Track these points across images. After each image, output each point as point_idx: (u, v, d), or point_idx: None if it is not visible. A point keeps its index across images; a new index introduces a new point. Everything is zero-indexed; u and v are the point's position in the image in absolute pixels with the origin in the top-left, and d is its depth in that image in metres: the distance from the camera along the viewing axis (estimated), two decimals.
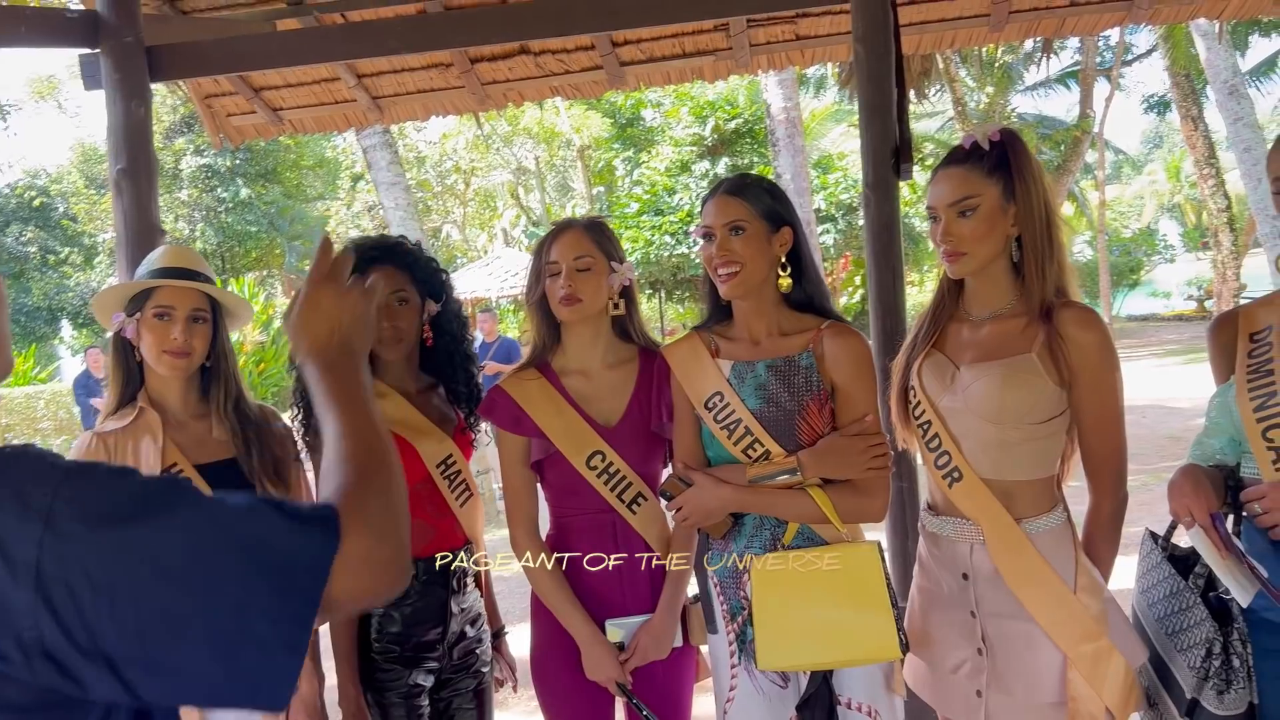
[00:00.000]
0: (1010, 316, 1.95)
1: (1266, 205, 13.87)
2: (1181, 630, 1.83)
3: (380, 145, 8.50)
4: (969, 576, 1.95)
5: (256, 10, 3.98)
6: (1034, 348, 1.88)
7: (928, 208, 1.98)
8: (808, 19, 4.20)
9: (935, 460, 1.97)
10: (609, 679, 2.17)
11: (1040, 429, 1.89)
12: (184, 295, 2.13)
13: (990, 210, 1.89)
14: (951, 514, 1.99)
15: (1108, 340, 1.89)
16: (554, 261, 2.19)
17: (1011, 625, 1.90)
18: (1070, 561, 1.90)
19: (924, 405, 1.99)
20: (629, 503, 2.20)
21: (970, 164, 1.91)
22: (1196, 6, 4.12)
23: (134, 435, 2.13)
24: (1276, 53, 20.26)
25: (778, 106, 9.63)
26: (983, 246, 1.90)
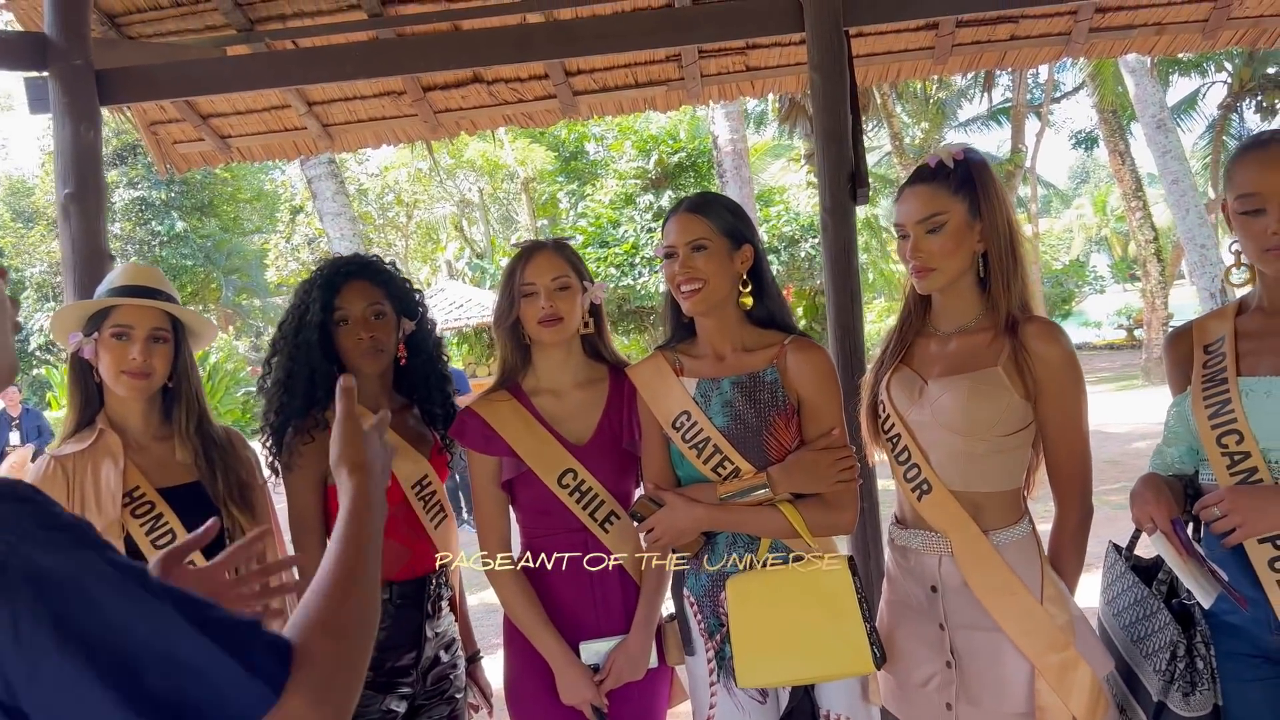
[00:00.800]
0: (976, 331, 1.99)
1: (1194, 234, 14.42)
2: (1147, 636, 1.87)
3: (326, 175, 8.44)
4: (937, 589, 1.98)
5: (206, 36, 3.94)
6: (999, 361, 1.92)
7: (895, 225, 2.02)
8: (758, 50, 4.29)
9: (904, 473, 2.00)
10: (583, 701, 2.15)
11: (1006, 441, 1.93)
12: (143, 314, 2.09)
13: (957, 227, 1.93)
14: (920, 526, 2.01)
15: (1071, 354, 1.94)
16: (529, 283, 2.18)
17: (980, 636, 1.93)
18: (1036, 572, 1.93)
19: (893, 419, 2.01)
20: (601, 521, 2.19)
21: (937, 182, 1.96)
22: (1129, 42, 4.29)
23: (94, 458, 2.07)
24: (1195, 90, 21.16)
25: (725, 138, 9.78)
26: (950, 262, 1.94)
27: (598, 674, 2.16)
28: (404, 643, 2.25)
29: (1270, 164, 1.77)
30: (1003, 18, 4.08)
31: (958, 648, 1.95)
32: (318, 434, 2.22)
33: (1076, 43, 4.21)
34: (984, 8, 3.55)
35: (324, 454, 2.22)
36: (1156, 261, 16.99)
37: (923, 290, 2.02)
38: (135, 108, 4.17)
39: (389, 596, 2.23)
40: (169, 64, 3.48)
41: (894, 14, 3.27)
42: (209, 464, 2.15)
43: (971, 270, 1.98)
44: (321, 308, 2.24)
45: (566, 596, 2.20)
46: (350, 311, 2.27)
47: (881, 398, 2.06)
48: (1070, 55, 4.40)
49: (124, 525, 2.05)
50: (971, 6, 3.45)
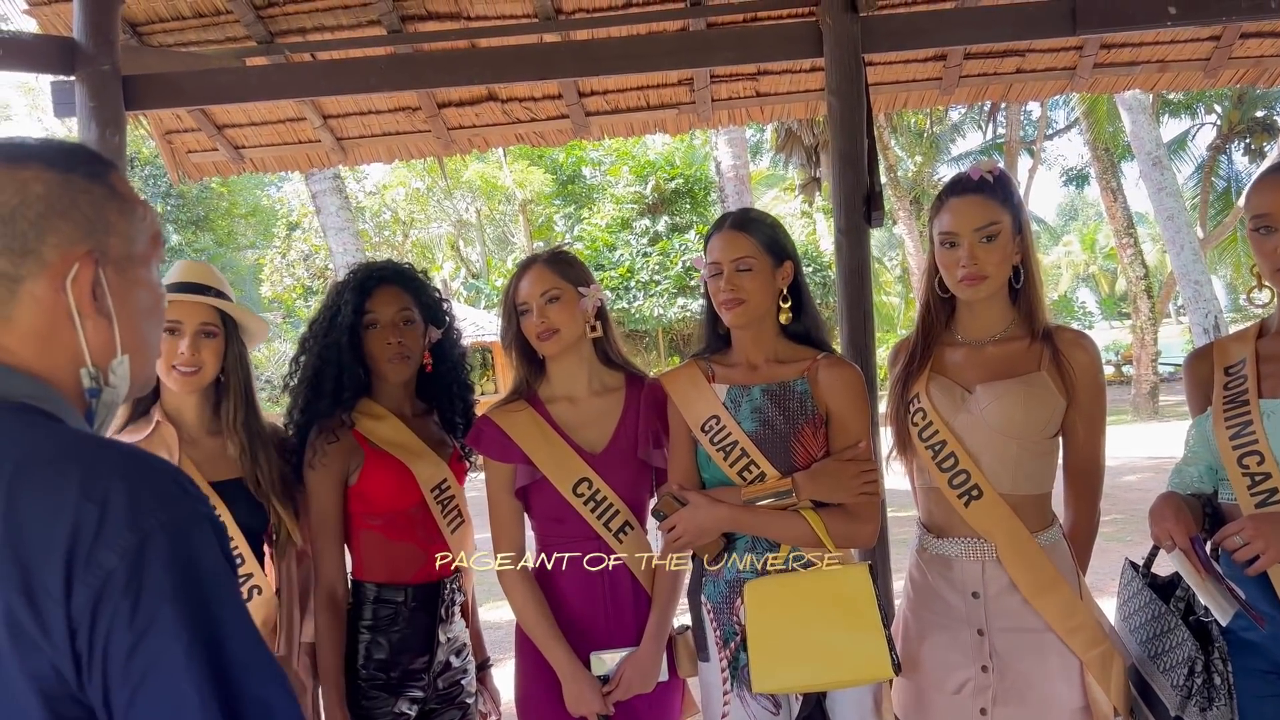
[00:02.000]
0: (1010, 339, 2.05)
1: (1189, 271, 14.58)
2: (1164, 651, 1.91)
3: (330, 190, 8.48)
4: (979, 595, 2.01)
5: (226, 47, 3.98)
6: (1042, 366, 1.99)
7: (943, 233, 2.04)
8: (769, 76, 4.37)
9: (950, 479, 2.02)
10: (590, 712, 2.16)
11: (1048, 444, 2.01)
12: (192, 310, 2.11)
13: (1007, 237, 2.00)
14: (960, 534, 2.04)
15: (1100, 362, 2.03)
16: (523, 301, 2.22)
17: (1024, 638, 1.97)
18: (1073, 571, 2.00)
19: (937, 425, 2.04)
20: (616, 531, 2.20)
21: (987, 193, 2.01)
22: (1133, 78, 4.38)
23: (150, 449, 2.08)
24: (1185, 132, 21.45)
25: (727, 164, 9.89)
26: (1000, 271, 2.01)
27: (607, 684, 2.17)
28: (417, 646, 2.26)
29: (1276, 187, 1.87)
30: (1010, 50, 4.17)
31: (999, 651, 1.98)
32: (342, 433, 2.25)
33: (1081, 77, 4.30)
34: (995, 39, 3.63)
35: (347, 454, 2.26)
36: (1147, 298, 17.16)
37: (971, 297, 2.05)
38: (151, 116, 4.21)
39: (404, 599, 2.24)
40: (194, 72, 3.53)
41: (910, 42, 3.35)
42: (253, 459, 2.17)
43: (1008, 281, 2.04)
44: (353, 310, 2.27)
45: (579, 607, 2.21)
46: (380, 316, 2.30)
47: (920, 405, 2.08)
48: (1075, 89, 4.49)
49: None
50: (983, 38, 3.52)
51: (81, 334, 0.94)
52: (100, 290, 0.95)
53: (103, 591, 0.79)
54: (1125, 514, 7.21)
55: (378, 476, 2.27)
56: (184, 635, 0.80)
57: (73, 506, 0.80)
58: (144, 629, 0.79)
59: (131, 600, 0.79)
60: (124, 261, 0.98)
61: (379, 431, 2.30)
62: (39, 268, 0.92)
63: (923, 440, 2.08)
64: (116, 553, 0.80)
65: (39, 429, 0.89)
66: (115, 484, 0.82)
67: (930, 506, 2.12)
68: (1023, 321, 2.04)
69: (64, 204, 0.93)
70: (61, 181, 0.94)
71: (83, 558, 0.79)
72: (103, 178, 0.98)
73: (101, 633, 0.79)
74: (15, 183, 0.92)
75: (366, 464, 2.27)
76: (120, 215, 0.98)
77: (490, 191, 23.59)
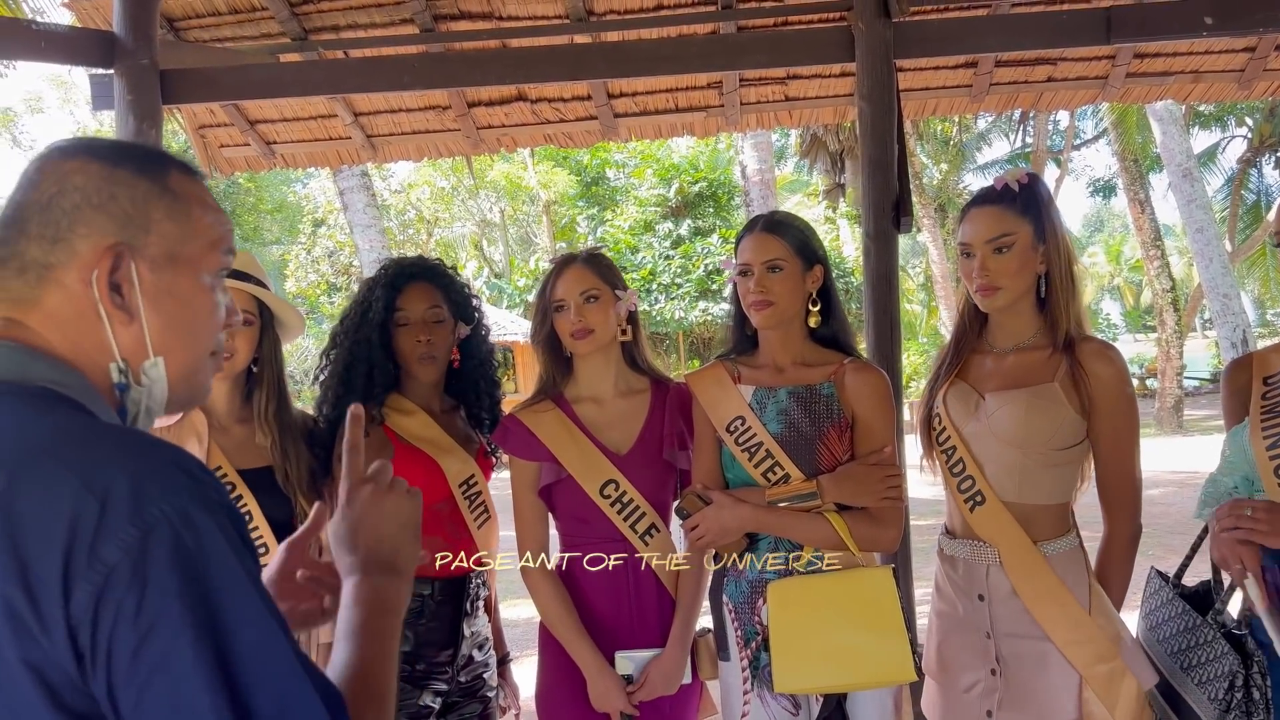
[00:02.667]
0: (1033, 349, 2.04)
1: (1217, 284, 14.45)
2: (1201, 664, 1.89)
3: (358, 188, 8.54)
4: (984, 598, 2.01)
5: (260, 43, 4.03)
6: (1056, 377, 1.98)
7: (960, 244, 2.07)
8: (798, 81, 4.36)
9: (958, 485, 2.04)
10: (614, 709, 2.17)
11: (1060, 455, 1.98)
12: (232, 295, 2.13)
13: (1024, 248, 1.99)
14: (968, 537, 2.06)
15: (1125, 374, 2.00)
16: (560, 299, 2.23)
17: (1026, 645, 1.96)
18: (1084, 584, 1.98)
19: (949, 431, 2.06)
20: (642, 534, 2.21)
21: (1004, 204, 2.01)
22: (1165, 88, 4.35)
23: (179, 435, 2.12)
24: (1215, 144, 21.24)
25: (753, 168, 9.90)
26: (1016, 281, 1.99)
27: (630, 684, 2.18)
28: (441, 640, 2.28)
29: None
30: (1042, 59, 4.15)
31: (1004, 656, 1.99)
32: (371, 429, 2.26)
33: (1113, 87, 4.27)
34: (1028, 47, 3.62)
35: (376, 448, 2.26)
36: (1173, 311, 17.00)
37: (986, 308, 2.06)
38: (185, 110, 4.26)
39: (430, 593, 2.26)
40: (229, 67, 3.56)
41: (942, 49, 3.34)
42: (282, 450, 2.19)
43: (1032, 291, 2.03)
44: (384, 307, 2.30)
45: (603, 608, 2.22)
46: (411, 314, 2.32)
47: (937, 410, 2.10)
48: (1106, 99, 4.46)
49: None
50: (1017, 46, 3.51)
51: (109, 328, 0.93)
52: (129, 287, 0.92)
53: (105, 589, 0.76)
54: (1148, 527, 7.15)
55: (406, 471, 2.27)
56: (189, 632, 0.77)
57: (71, 499, 0.77)
58: (149, 627, 0.76)
59: (136, 598, 0.76)
60: (162, 261, 0.95)
61: (408, 426, 2.32)
62: (69, 257, 0.91)
63: (938, 445, 2.10)
64: (120, 548, 0.77)
65: (50, 416, 0.86)
66: (117, 474, 0.79)
67: (951, 511, 2.14)
68: (1047, 331, 2.03)
69: (102, 196, 0.92)
70: (105, 174, 0.93)
71: (83, 553, 0.76)
72: (155, 174, 0.96)
73: (105, 631, 0.76)
74: (59, 173, 0.92)
75: (396, 458, 2.28)
76: (168, 215, 0.96)
77: (514, 192, 23.68)
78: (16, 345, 0.90)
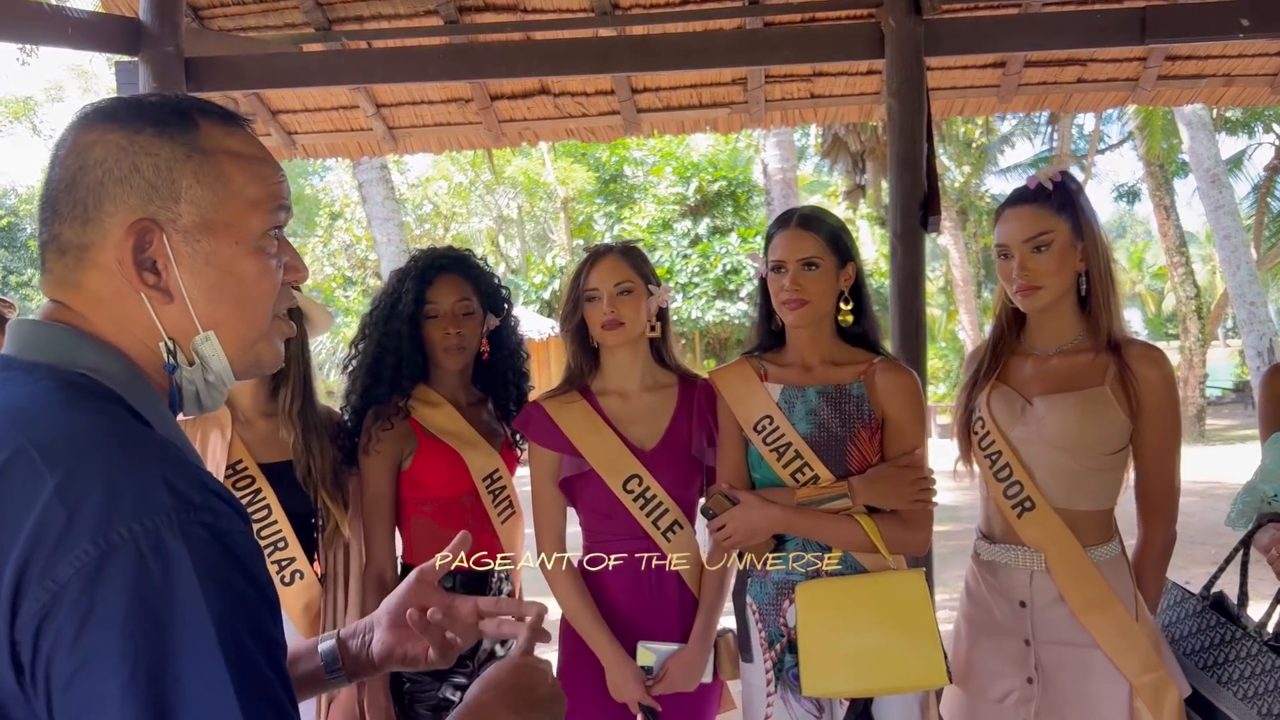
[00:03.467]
0: (1077, 351, 2.01)
1: (1244, 291, 14.32)
2: (1245, 678, 1.88)
3: (377, 180, 8.55)
4: (1026, 604, 1.98)
5: (284, 33, 4.02)
6: (1106, 380, 1.94)
7: (998, 245, 2.04)
8: (824, 78, 4.33)
9: (1004, 490, 2.00)
10: (632, 699, 2.15)
11: (1109, 460, 1.95)
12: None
13: (1062, 246, 1.96)
14: (1010, 542, 2.02)
15: (1173, 379, 1.98)
16: (593, 288, 2.21)
17: (1069, 653, 1.93)
18: (1129, 591, 1.95)
19: (994, 436, 2.02)
20: (664, 530, 2.19)
21: (1039, 203, 1.98)
22: (1197, 91, 4.30)
23: (203, 427, 2.13)
24: (1243, 150, 21.02)
25: (775, 166, 9.86)
26: (1057, 280, 1.96)
27: (650, 677, 2.16)
28: None
29: None
30: (1072, 59, 4.10)
31: (1044, 664, 1.95)
32: (397, 420, 2.27)
33: (1144, 89, 4.22)
34: (1061, 46, 3.57)
35: (401, 440, 2.27)
36: (1196, 319, 16.84)
37: (1028, 309, 2.03)
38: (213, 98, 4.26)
39: (453, 585, 2.25)
40: (255, 56, 3.56)
41: (974, 47, 3.30)
42: (306, 447, 2.19)
43: (1073, 290, 2.00)
44: (414, 300, 2.29)
45: (623, 603, 2.20)
46: (440, 306, 2.32)
47: (980, 414, 2.07)
48: (1136, 101, 4.41)
49: None
50: (1049, 45, 3.47)
51: (150, 307, 0.87)
52: (164, 263, 0.86)
53: (50, 608, 0.69)
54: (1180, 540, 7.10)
55: (431, 463, 2.29)
56: (123, 674, 0.68)
57: (42, 506, 0.71)
58: (83, 661, 0.69)
59: (76, 624, 0.69)
60: (197, 230, 0.87)
61: (434, 419, 2.31)
62: (101, 236, 0.85)
63: (982, 449, 2.06)
64: (73, 565, 0.69)
65: (67, 409, 0.80)
66: (94, 484, 0.72)
67: (989, 515, 2.10)
68: (1090, 332, 2.00)
69: (123, 168, 0.85)
70: (125, 144, 0.86)
71: (38, 567, 0.69)
72: (179, 135, 0.88)
73: (44, 655, 0.69)
74: (79, 147, 0.86)
75: (420, 450, 2.28)
76: (197, 178, 0.87)
77: (532, 188, 23.66)
78: (64, 327, 0.86)
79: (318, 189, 26.59)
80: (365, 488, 2.29)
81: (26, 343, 0.86)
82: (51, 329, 0.86)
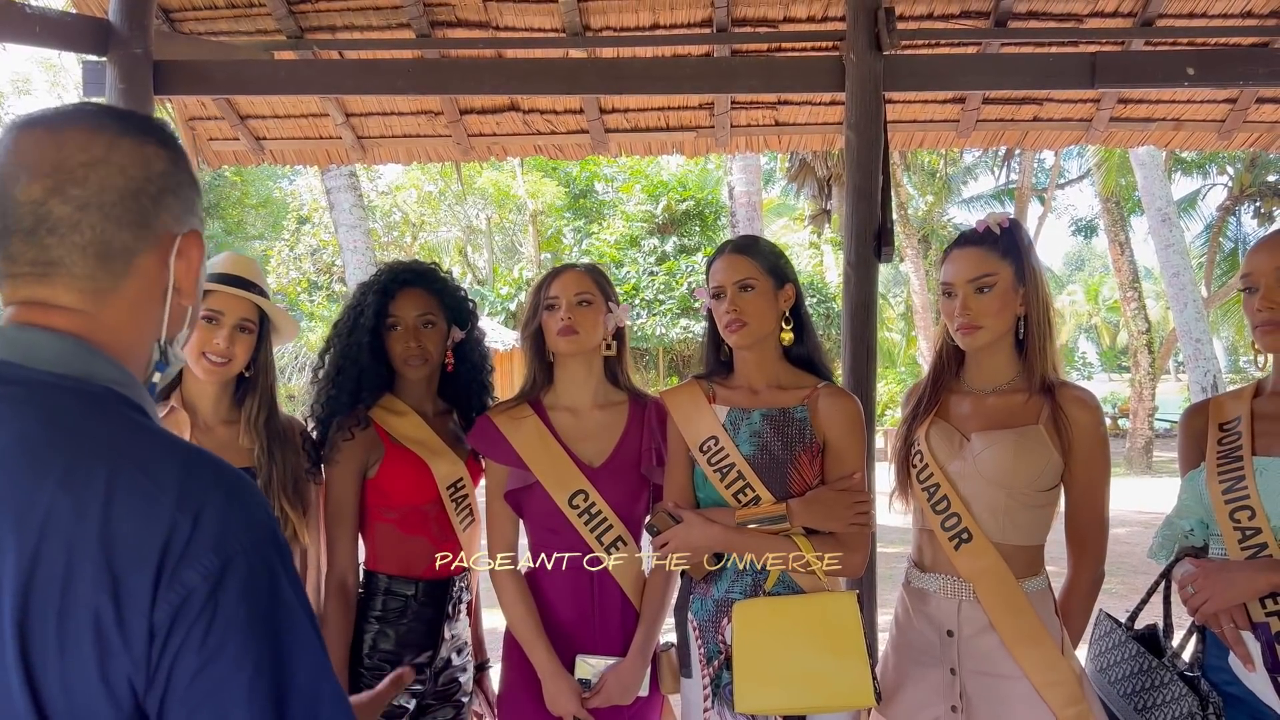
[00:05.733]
0: (1013, 391, 2.07)
1: (1190, 328, 14.66)
2: (1156, 705, 1.92)
3: (345, 187, 8.53)
4: (954, 633, 2.02)
5: (256, 39, 4.03)
6: (1040, 420, 2.00)
7: (943, 283, 2.10)
8: (788, 107, 4.41)
9: (942, 522, 2.04)
10: (567, 713, 2.18)
11: (1042, 496, 2.01)
12: (235, 303, 2.14)
13: (1005, 289, 2.02)
14: (941, 570, 2.07)
15: (1102, 420, 2.04)
16: (554, 296, 2.25)
17: (993, 684, 1.97)
18: (1056, 624, 2.00)
19: (932, 469, 2.07)
20: (608, 545, 2.22)
21: (986, 245, 2.05)
22: (1147, 134, 4.43)
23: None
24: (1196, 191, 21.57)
25: (740, 189, 9.95)
26: (997, 322, 2.03)
27: (588, 690, 2.19)
28: (422, 641, 2.30)
29: (1263, 249, 1.94)
30: (1029, 98, 4.22)
31: (969, 693, 1.99)
32: (358, 431, 2.29)
33: (1096, 129, 4.35)
34: (1015, 87, 3.68)
35: (367, 448, 2.30)
36: (1148, 353, 17.20)
37: (967, 347, 2.09)
38: (176, 102, 4.25)
39: (413, 593, 2.29)
40: (223, 61, 3.57)
41: (931, 84, 3.40)
42: (268, 456, 2.20)
43: (1011, 332, 2.07)
44: (375, 313, 2.33)
45: (566, 616, 2.24)
46: (402, 319, 2.35)
47: (919, 448, 2.11)
48: (1090, 141, 4.54)
49: None
50: (1003, 85, 3.57)
51: (166, 310, 0.98)
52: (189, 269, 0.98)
53: (181, 609, 0.79)
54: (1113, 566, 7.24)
55: (396, 471, 2.31)
56: (249, 667, 0.80)
57: (169, 516, 0.81)
58: (212, 655, 0.80)
59: (205, 624, 0.80)
60: (199, 241, 1.01)
61: (399, 427, 2.34)
62: (152, 243, 0.95)
63: (920, 483, 2.10)
64: (199, 573, 0.80)
65: (130, 423, 0.89)
66: (211, 498, 0.83)
67: (922, 545, 2.14)
68: (1026, 374, 2.06)
69: (174, 182, 0.97)
70: (173, 160, 0.98)
71: (170, 570, 0.80)
72: (187, 163, 1.01)
73: (172, 650, 0.79)
74: (142, 157, 0.95)
75: (386, 458, 2.31)
76: (198, 198, 1.02)
77: (502, 200, 23.66)
78: (80, 342, 0.92)
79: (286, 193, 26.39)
80: (328, 495, 2.31)
81: (32, 353, 0.90)
82: (63, 341, 0.91)
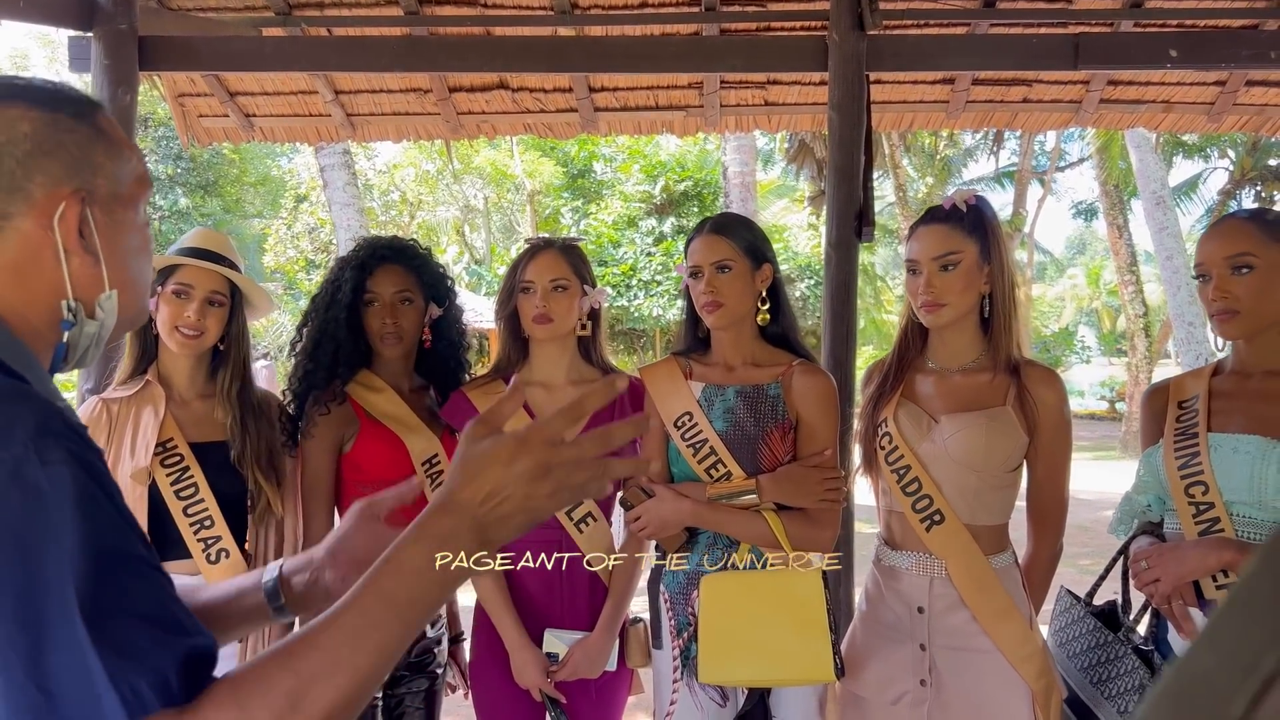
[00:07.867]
0: (978, 370, 2.09)
1: (1183, 312, 14.64)
2: (1112, 678, 1.95)
3: (339, 165, 8.52)
4: (924, 610, 2.05)
5: (244, 15, 4.03)
6: (1007, 401, 2.02)
7: (908, 260, 2.11)
8: (778, 86, 4.41)
9: (913, 504, 2.06)
10: (533, 685, 2.21)
11: (1009, 477, 2.04)
12: (204, 276, 2.17)
13: (969, 266, 2.03)
14: (912, 548, 2.09)
15: (1066, 400, 2.06)
16: (529, 281, 2.26)
17: (964, 658, 2.01)
18: (1024, 599, 2.04)
19: (902, 451, 2.08)
20: (577, 521, 2.25)
21: (951, 223, 2.06)
22: (1137, 116, 4.43)
23: (137, 405, 2.18)
24: (1198, 174, 21.48)
25: (734, 170, 9.94)
26: (961, 299, 2.04)
27: (555, 664, 2.22)
28: None
29: (1212, 239, 1.94)
30: (1018, 80, 4.21)
31: (938, 667, 2.02)
32: (334, 406, 2.31)
33: (1086, 111, 4.35)
34: (998, 68, 3.68)
35: (343, 423, 2.32)
36: (1145, 337, 17.21)
37: (931, 324, 2.10)
38: (165, 78, 4.25)
39: None
40: (210, 37, 3.57)
41: (914, 64, 3.39)
42: (242, 427, 2.23)
43: (976, 310, 2.08)
44: (352, 289, 2.34)
45: (535, 589, 2.27)
46: (379, 295, 2.37)
47: (888, 430, 2.12)
48: (1079, 124, 4.54)
49: (152, 473, 2.14)
50: (987, 66, 3.58)
51: (66, 270, 0.96)
52: (88, 229, 0.96)
53: None
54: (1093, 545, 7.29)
55: (371, 447, 2.34)
56: None
57: None
58: None
59: None
60: (110, 201, 0.99)
61: (375, 403, 2.36)
62: (27, 206, 0.94)
63: (889, 464, 2.11)
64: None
65: None
66: None
67: (891, 524, 2.16)
68: (990, 353, 2.07)
69: (50, 143, 0.95)
70: (48, 120, 0.95)
71: None
72: (89, 118, 0.99)
73: None
74: (2, 121, 0.94)
75: (361, 434, 2.34)
76: (107, 156, 0.99)
77: (499, 179, 23.59)
78: None
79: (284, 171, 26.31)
80: (304, 469, 2.34)
81: None
82: None
